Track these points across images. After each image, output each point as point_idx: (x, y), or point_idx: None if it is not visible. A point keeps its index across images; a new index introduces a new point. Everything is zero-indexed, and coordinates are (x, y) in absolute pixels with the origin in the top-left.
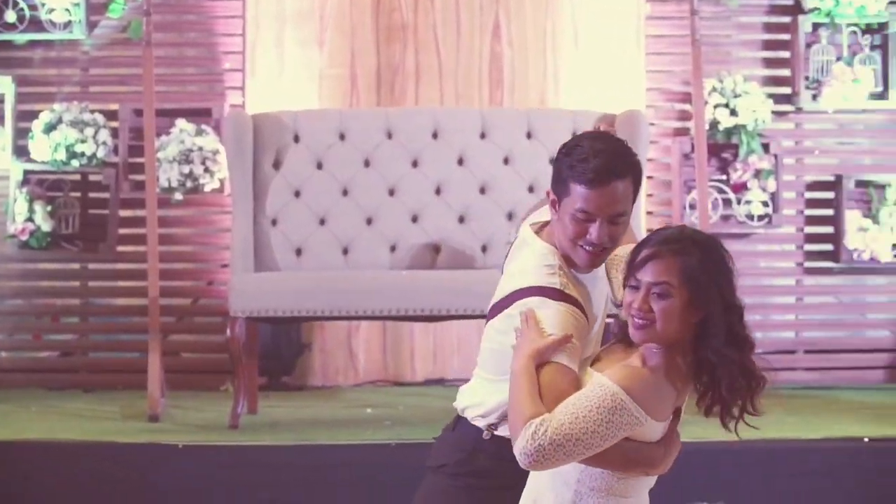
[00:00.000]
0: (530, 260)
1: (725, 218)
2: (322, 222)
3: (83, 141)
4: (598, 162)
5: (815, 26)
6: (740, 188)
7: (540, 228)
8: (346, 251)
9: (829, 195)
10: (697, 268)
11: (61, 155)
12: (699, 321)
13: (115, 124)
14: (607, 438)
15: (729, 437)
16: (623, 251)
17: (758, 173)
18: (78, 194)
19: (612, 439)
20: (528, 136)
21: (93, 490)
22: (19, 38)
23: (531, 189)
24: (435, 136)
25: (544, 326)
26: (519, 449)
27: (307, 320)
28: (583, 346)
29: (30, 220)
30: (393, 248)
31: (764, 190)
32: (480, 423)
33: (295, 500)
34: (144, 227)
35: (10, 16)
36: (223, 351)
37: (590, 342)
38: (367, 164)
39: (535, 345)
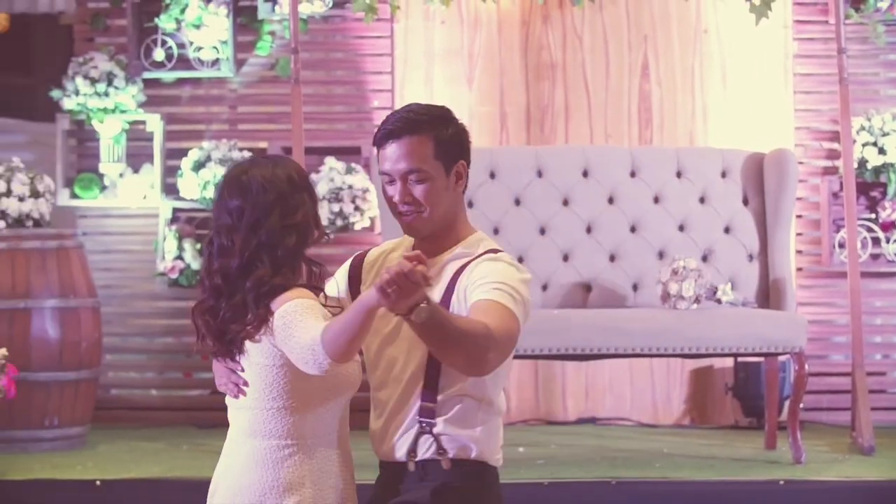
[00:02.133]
0: None
1: (875, 257)
2: None
3: None
4: (384, 123)
5: None
6: (890, 227)
7: None
8: None
9: None
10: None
11: (210, 192)
12: None
13: None
14: None
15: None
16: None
17: None
18: None
19: None
20: (678, 174)
21: None
22: (168, 76)
23: (681, 228)
24: (585, 174)
25: None
26: None
27: None
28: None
29: (179, 258)
30: (545, 287)
31: None
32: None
33: None
34: None
35: (159, 54)
36: None
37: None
38: (517, 202)
39: None
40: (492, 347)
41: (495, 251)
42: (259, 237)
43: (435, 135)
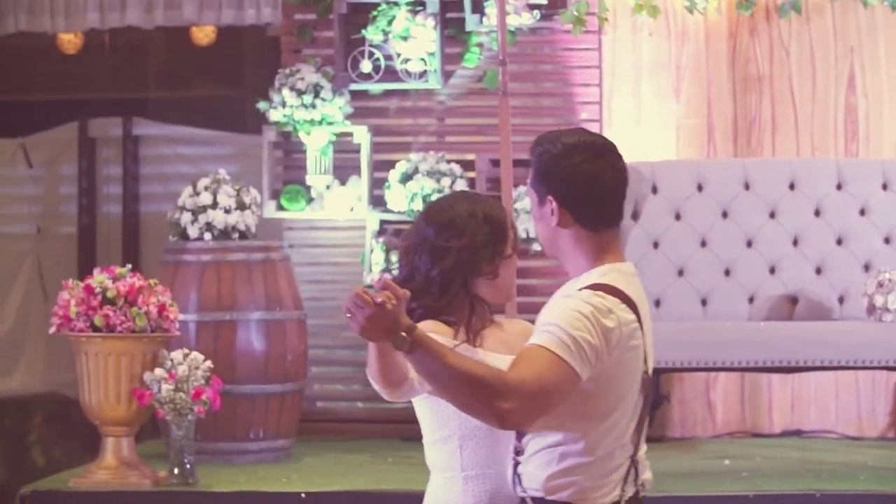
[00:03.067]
0: None
1: None
2: (680, 273)
3: (440, 191)
4: None
5: None
6: None
7: None
8: (704, 302)
9: None
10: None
11: (418, 205)
12: None
13: (471, 174)
14: None
15: None
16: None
17: None
18: None
19: None
20: (884, 186)
21: None
22: (375, 87)
23: (887, 240)
24: (792, 186)
25: None
26: None
27: (666, 371)
28: None
29: (386, 270)
30: (751, 300)
31: None
32: None
33: None
34: None
35: (366, 66)
36: None
37: None
38: (724, 214)
39: None
40: (507, 396)
41: (591, 287)
42: (421, 252)
43: (534, 162)
